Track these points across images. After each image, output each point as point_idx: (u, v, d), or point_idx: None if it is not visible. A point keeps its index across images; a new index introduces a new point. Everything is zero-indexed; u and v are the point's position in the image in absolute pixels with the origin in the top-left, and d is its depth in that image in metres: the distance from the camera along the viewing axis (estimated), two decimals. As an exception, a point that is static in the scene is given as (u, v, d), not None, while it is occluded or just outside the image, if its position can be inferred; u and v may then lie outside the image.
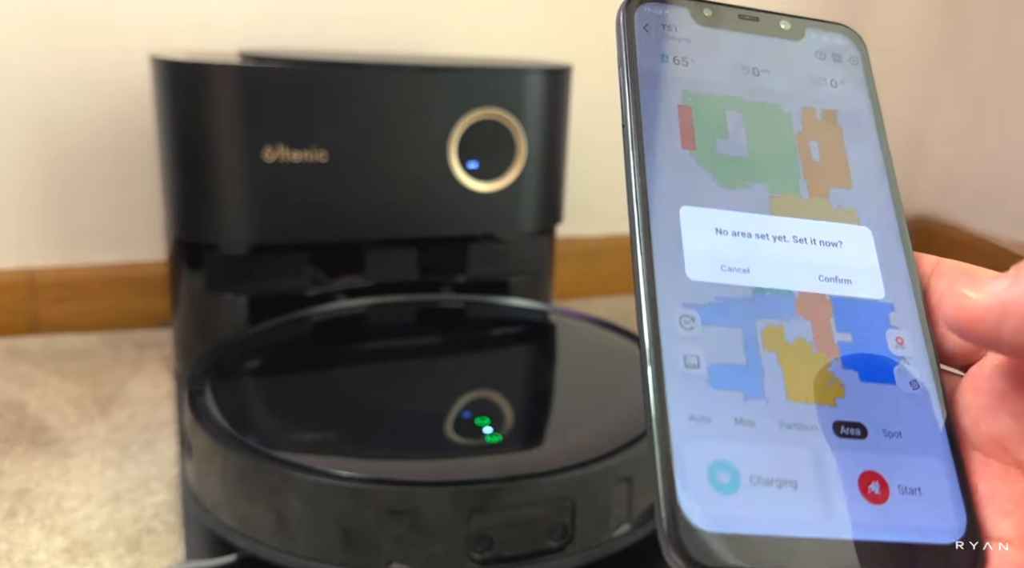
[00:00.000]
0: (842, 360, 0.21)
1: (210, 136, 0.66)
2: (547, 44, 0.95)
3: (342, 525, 0.45)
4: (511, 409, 0.55)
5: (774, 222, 0.22)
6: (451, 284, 0.77)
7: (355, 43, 0.88)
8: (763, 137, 0.23)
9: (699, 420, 0.20)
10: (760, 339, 0.21)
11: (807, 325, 0.21)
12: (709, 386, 0.20)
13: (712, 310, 0.21)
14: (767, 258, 0.22)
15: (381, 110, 0.67)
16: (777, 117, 0.24)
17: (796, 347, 0.21)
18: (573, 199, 0.94)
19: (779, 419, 0.20)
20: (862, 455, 0.20)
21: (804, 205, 0.23)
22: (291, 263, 0.72)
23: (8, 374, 0.77)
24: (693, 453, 0.19)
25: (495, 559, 0.46)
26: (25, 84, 0.81)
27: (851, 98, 0.24)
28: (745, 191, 0.23)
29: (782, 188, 0.23)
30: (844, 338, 0.21)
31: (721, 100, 0.23)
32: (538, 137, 0.73)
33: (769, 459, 0.20)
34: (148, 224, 0.87)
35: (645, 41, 0.24)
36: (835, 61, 0.25)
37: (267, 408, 0.55)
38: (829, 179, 0.23)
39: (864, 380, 0.21)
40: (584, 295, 1.02)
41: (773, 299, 0.21)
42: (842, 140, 0.24)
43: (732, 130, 0.23)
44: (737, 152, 0.23)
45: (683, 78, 0.24)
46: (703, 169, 0.23)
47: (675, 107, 0.23)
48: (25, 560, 0.53)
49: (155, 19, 0.83)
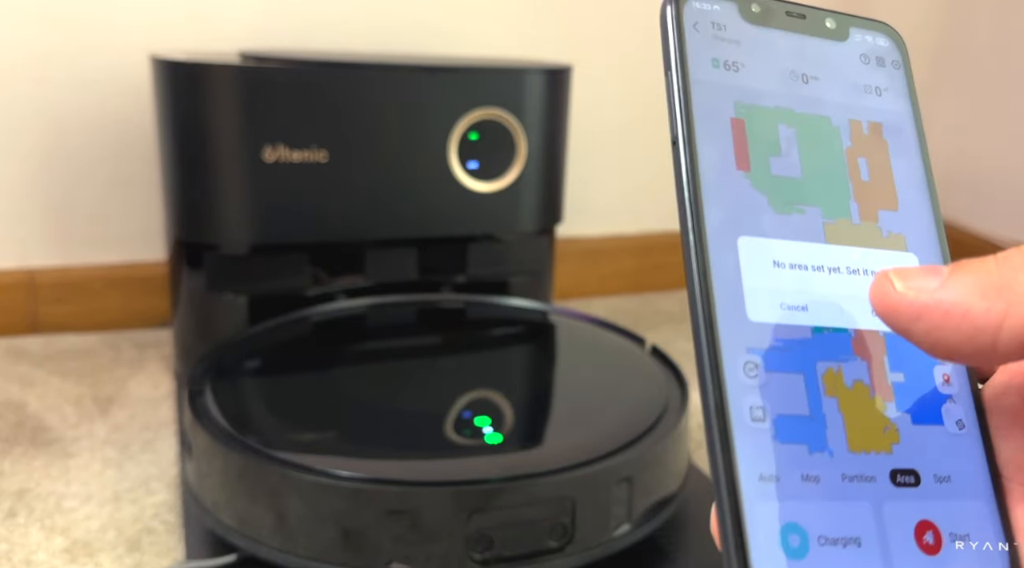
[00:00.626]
0: (896, 403, 0.20)
1: (210, 136, 0.66)
2: (547, 44, 0.95)
3: (342, 525, 0.45)
4: (511, 409, 0.55)
5: (829, 252, 0.21)
6: (451, 284, 0.77)
7: (355, 43, 0.88)
8: (814, 154, 0.22)
9: (768, 479, 0.19)
10: (821, 385, 0.20)
11: (863, 366, 0.20)
12: (776, 441, 0.19)
13: (775, 354, 0.20)
14: (824, 293, 0.21)
15: (381, 110, 0.67)
16: (827, 131, 0.23)
17: (855, 391, 0.20)
18: (573, 199, 0.94)
19: (842, 472, 0.20)
20: (916, 504, 0.20)
21: (855, 232, 0.22)
22: (291, 263, 0.72)
23: (8, 374, 0.77)
24: (764, 516, 0.19)
25: (495, 559, 0.46)
26: (25, 84, 0.81)
27: (894, 107, 0.24)
28: (799, 217, 0.21)
29: (834, 212, 0.22)
30: (897, 378, 0.21)
31: (773, 113, 0.22)
32: (538, 137, 0.73)
33: (834, 516, 0.19)
34: (148, 224, 0.87)
35: (695, 42, 0.22)
36: (879, 65, 0.24)
37: (267, 408, 0.55)
38: (877, 201, 0.22)
39: (916, 423, 0.20)
40: (584, 295, 1.02)
41: (831, 339, 0.20)
42: (888, 156, 0.23)
43: (785, 147, 0.22)
44: (790, 172, 0.22)
45: (735, 86, 0.22)
46: (758, 193, 0.21)
47: (728, 121, 0.22)
48: (25, 560, 0.53)
49: (155, 19, 0.83)
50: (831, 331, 0.20)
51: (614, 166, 1.00)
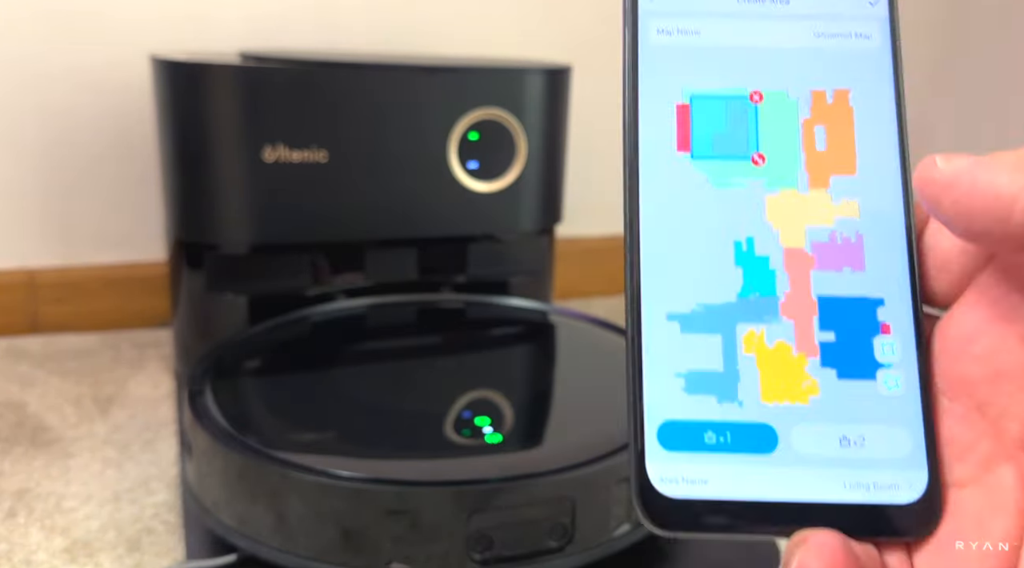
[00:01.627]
0: (821, 359, 0.21)
1: (210, 136, 0.66)
2: (547, 44, 0.95)
3: (342, 525, 0.45)
4: (511, 409, 0.55)
5: (762, 226, 0.22)
6: (451, 284, 0.77)
7: (355, 43, 0.88)
8: (766, 129, 0.23)
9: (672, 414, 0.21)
10: (740, 344, 0.21)
11: (789, 326, 0.21)
12: (683, 393, 0.21)
13: (694, 318, 0.21)
14: (753, 265, 0.22)
15: (381, 110, 0.67)
16: (782, 105, 0.23)
17: (775, 350, 0.21)
18: (573, 199, 0.94)
19: (750, 420, 0.21)
20: (830, 431, 0.21)
21: (800, 201, 0.22)
22: (291, 263, 0.71)
23: (8, 374, 0.77)
24: (664, 430, 0.21)
25: (495, 559, 0.46)
26: (25, 84, 0.81)
27: (868, 60, 0.23)
28: (739, 190, 0.22)
29: (779, 183, 0.22)
30: (826, 338, 0.21)
31: (722, 94, 0.23)
32: (538, 137, 0.73)
33: (735, 432, 0.21)
34: (148, 224, 0.87)
35: (648, 13, 0.23)
36: (855, 7, 0.23)
37: (267, 408, 0.55)
38: (831, 168, 0.22)
39: (841, 378, 0.21)
40: (584, 295, 1.02)
41: (757, 303, 0.22)
42: (852, 122, 0.23)
43: (731, 125, 0.22)
44: (735, 149, 0.22)
45: (685, 63, 0.23)
46: (697, 171, 0.22)
47: (673, 106, 0.22)
48: (25, 560, 0.53)
49: (155, 19, 0.83)
50: (757, 296, 0.22)
51: (614, 166, 1.00)
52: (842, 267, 0.22)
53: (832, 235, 0.22)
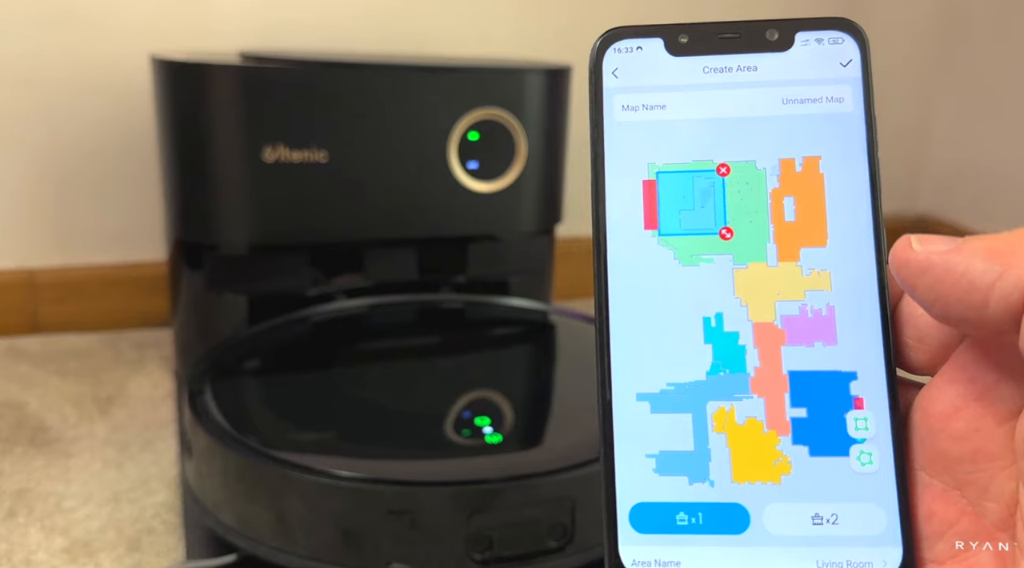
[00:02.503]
0: (792, 436, 0.21)
1: (210, 136, 0.66)
2: (547, 44, 0.95)
3: (342, 525, 0.45)
4: (511, 409, 0.55)
5: (731, 302, 0.22)
6: (451, 284, 0.77)
7: (355, 43, 0.88)
8: (734, 202, 0.22)
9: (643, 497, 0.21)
10: (710, 422, 0.21)
11: (760, 403, 0.21)
12: (655, 474, 0.21)
13: (663, 398, 0.21)
14: (722, 341, 0.22)
15: (381, 110, 0.67)
16: (750, 176, 0.22)
17: (746, 428, 0.21)
18: (573, 199, 0.94)
19: (721, 501, 0.21)
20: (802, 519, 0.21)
21: (769, 275, 0.22)
22: (291, 263, 0.71)
23: (8, 374, 0.77)
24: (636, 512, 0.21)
25: (495, 559, 0.46)
26: (26, 84, 0.81)
27: (840, 124, 0.22)
28: (707, 267, 0.22)
29: (747, 257, 0.22)
30: (798, 413, 0.21)
31: (688, 168, 0.22)
32: (538, 137, 0.73)
33: (710, 516, 0.21)
34: (148, 224, 0.87)
35: (613, 90, 0.23)
36: (826, 67, 0.23)
37: (267, 408, 0.55)
38: (801, 239, 0.22)
39: (813, 455, 0.21)
40: (584, 295, 1.02)
41: (727, 380, 0.21)
42: (822, 191, 0.22)
43: (698, 200, 0.22)
44: (703, 224, 0.22)
45: (651, 138, 0.22)
46: (664, 248, 0.22)
47: (639, 182, 0.22)
48: (25, 560, 0.53)
49: (155, 19, 0.83)
50: (727, 374, 0.21)
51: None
52: (813, 341, 0.21)
53: (803, 308, 0.22)
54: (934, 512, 0.20)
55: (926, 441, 0.20)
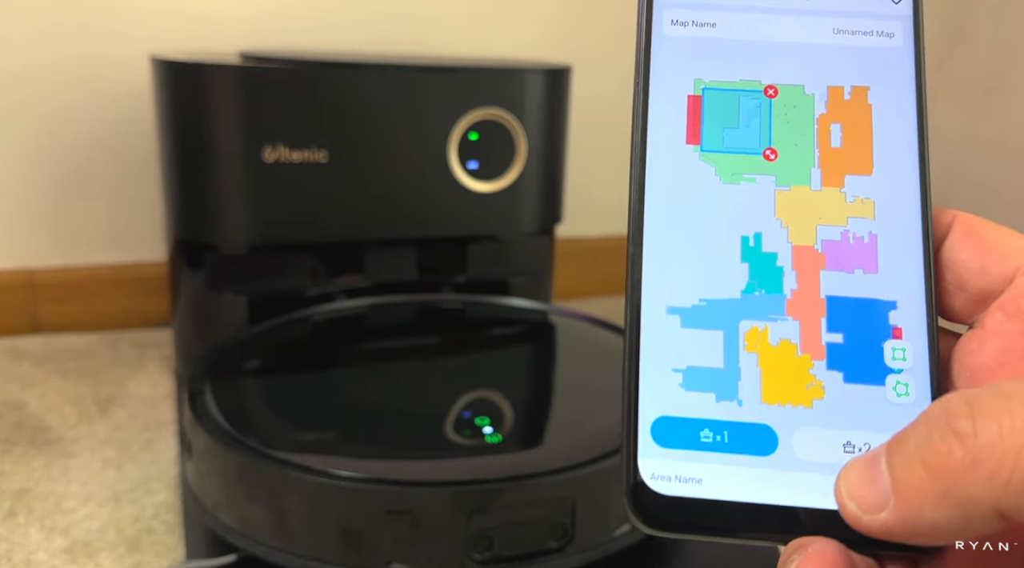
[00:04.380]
0: (827, 361, 0.21)
1: (210, 136, 0.66)
2: (547, 44, 0.95)
3: (342, 525, 0.45)
4: (511, 409, 0.55)
5: (771, 222, 0.21)
6: (451, 284, 0.77)
7: (355, 43, 0.88)
8: (780, 124, 0.22)
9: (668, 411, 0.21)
10: (742, 341, 0.21)
11: (795, 326, 0.21)
12: (681, 389, 0.20)
13: (695, 312, 0.21)
14: (760, 261, 0.21)
15: (381, 110, 0.67)
16: (798, 100, 0.22)
17: (779, 349, 0.21)
18: (573, 199, 0.94)
19: (749, 420, 0.20)
20: (833, 436, 0.20)
21: (812, 198, 0.22)
22: (291, 263, 0.71)
23: (8, 374, 0.77)
24: (659, 426, 0.20)
25: (495, 559, 0.46)
26: (25, 84, 0.81)
27: (889, 58, 0.22)
28: (748, 185, 0.22)
29: (791, 179, 0.22)
30: (834, 339, 0.21)
31: (736, 86, 0.22)
32: (538, 137, 0.73)
33: (734, 432, 0.20)
34: (148, 224, 0.87)
35: (663, 4, 0.22)
36: (878, 4, 0.23)
37: (267, 408, 0.55)
38: (846, 166, 0.22)
39: (848, 382, 0.21)
40: (584, 295, 1.02)
41: (762, 300, 0.21)
42: (870, 120, 0.22)
43: (744, 119, 0.22)
44: (747, 143, 0.22)
45: (699, 55, 0.22)
46: (705, 164, 0.22)
47: (684, 97, 0.22)
48: (25, 560, 0.53)
49: (155, 19, 0.83)
50: (763, 294, 0.21)
51: (614, 166, 1.00)
52: (854, 268, 0.21)
53: (845, 234, 0.21)
54: None
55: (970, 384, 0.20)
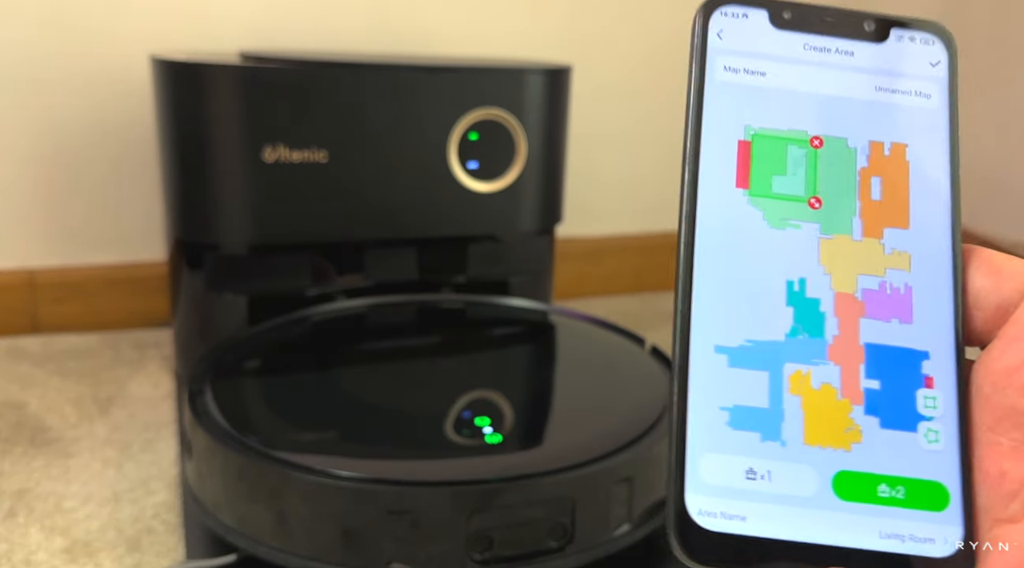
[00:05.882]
0: (865, 406, 0.22)
1: (210, 136, 0.66)
2: (547, 44, 0.95)
3: (342, 525, 0.45)
4: (511, 409, 0.55)
5: (815, 269, 0.22)
6: (451, 284, 0.77)
7: (355, 43, 0.88)
8: (824, 174, 0.23)
9: (714, 448, 0.21)
10: (786, 383, 0.21)
11: (836, 371, 0.22)
12: (727, 427, 0.21)
13: (741, 352, 0.22)
14: (804, 306, 0.22)
15: (381, 110, 0.67)
16: (842, 152, 0.23)
17: (821, 392, 0.22)
18: (573, 199, 0.94)
19: (792, 460, 0.21)
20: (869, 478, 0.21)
21: (854, 248, 0.23)
22: (291, 263, 0.72)
23: (8, 374, 0.77)
24: (705, 462, 0.21)
25: (495, 559, 0.46)
26: (25, 84, 0.81)
27: (926, 118, 0.24)
28: (794, 232, 0.22)
29: (834, 228, 0.23)
30: (871, 385, 0.22)
31: (784, 135, 0.23)
32: (538, 137, 0.73)
33: (778, 471, 0.21)
34: (148, 224, 0.87)
35: (717, 51, 0.23)
36: (917, 67, 0.24)
37: (267, 408, 0.55)
38: (885, 219, 0.23)
39: (884, 427, 0.21)
40: (584, 295, 1.02)
41: (805, 344, 0.22)
42: (907, 176, 0.23)
43: (791, 167, 0.23)
44: (793, 190, 0.23)
45: (749, 102, 0.23)
46: (754, 209, 0.23)
47: (735, 142, 0.23)
48: (25, 560, 0.53)
49: (155, 19, 0.83)
50: (806, 338, 0.22)
51: (614, 166, 1.00)
52: (891, 317, 0.22)
53: (883, 284, 0.22)
54: (1005, 471, 0.20)
55: (992, 398, 0.21)
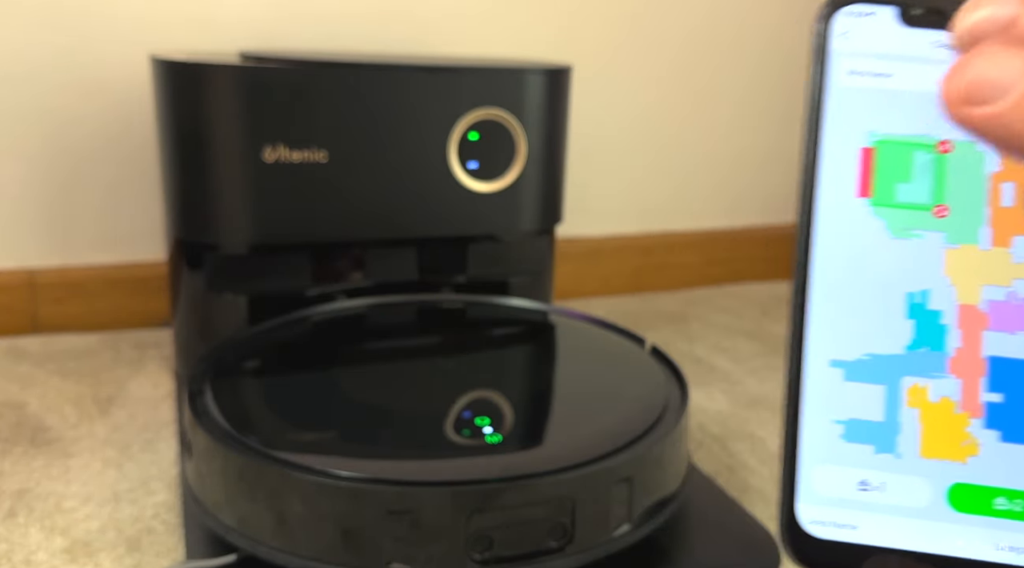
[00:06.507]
0: (985, 420, 0.21)
1: (210, 136, 0.66)
2: (547, 44, 0.95)
3: (342, 525, 0.45)
4: (511, 409, 0.55)
5: (939, 280, 0.22)
6: (451, 284, 0.77)
7: (355, 43, 0.88)
8: (951, 180, 0.22)
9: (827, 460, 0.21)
10: (904, 397, 0.21)
11: (956, 384, 0.21)
12: (841, 440, 0.21)
13: (858, 366, 0.21)
14: (925, 319, 0.22)
15: (381, 110, 0.67)
16: (971, 157, 0.22)
17: (939, 406, 0.21)
18: (573, 199, 0.94)
19: (905, 470, 0.21)
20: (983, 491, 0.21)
21: (980, 258, 0.22)
22: (291, 263, 0.72)
23: (8, 374, 0.77)
24: (819, 474, 0.21)
25: (495, 559, 0.46)
26: (25, 84, 0.81)
27: None
28: (918, 242, 0.22)
29: (960, 238, 0.22)
30: (993, 398, 0.21)
31: (909, 141, 0.22)
32: (538, 137, 0.73)
33: (892, 485, 0.21)
34: (148, 224, 0.87)
35: (841, 53, 0.22)
36: None
37: (267, 408, 0.55)
38: (1016, 227, 0.22)
39: (1004, 441, 0.21)
40: (584, 295, 1.02)
41: (925, 357, 0.21)
42: None
43: (917, 174, 0.22)
44: (918, 198, 0.22)
45: (874, 106, 0.22)
46: (877, 218, 0.22)
47: (858, 149, 0.22)
48: (25, 560, 0.53)
49: (155, 19, 0.83)
50: (927, 351, 0.21)
51: (614, 166, 1.00)
52: (1015, 329, 0.21)
53: (1009, 295, 0.22)
54: None
55: None
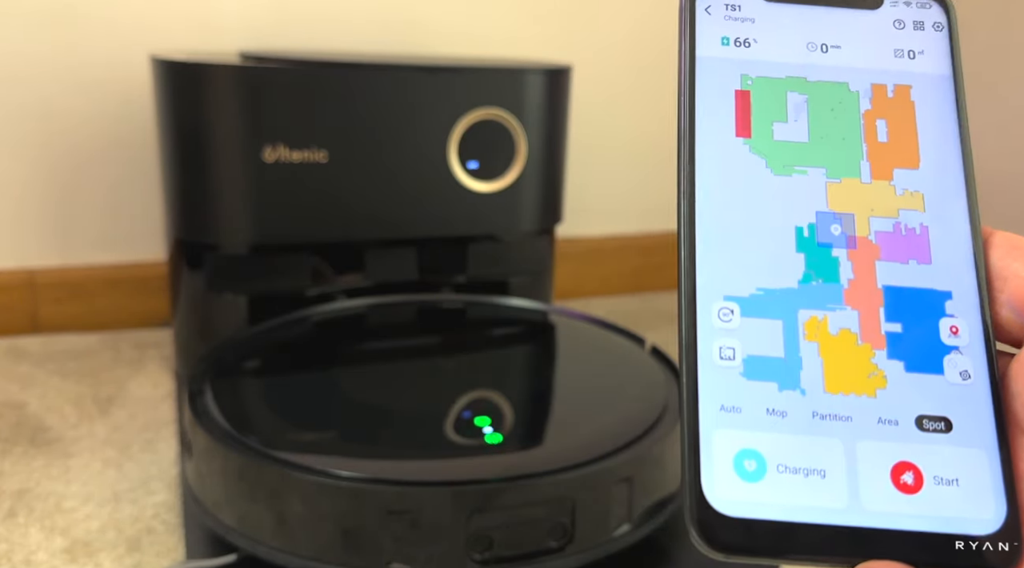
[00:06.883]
0: (887, 350, 0.21)
1: (210, 136, 0.66)
2: (547, 44, 0.95)
3: (342, 525, 0.45)
4: (511, 409, 0.55)
5: (826, 213, 0.22)
6: (451, 284, 0.77)
7: (355, 43, 0.88)
8: (826, 119, 0.22)
9: (729, 410, 0.20)
10: (801, 330, 0.21)
11: (854, 315, 0.21)
12: (742, 378, 0.20)
13: (753, 302, 0.21)
14: (815, 251, 0.21)
15: (381, 110, 0.67)
16: (844, 96, 0.23)
17: (839, 338, 0.21)
18: (573, 199, 0.94)
19: (813, 410, 0.20)
20: (897, 446, 0.20)
21: (863, 190, 0.22)
22: (291, 263, 0.72)
23: (8, 374, 0.77)
24: (720, 442, 0.20)
25: (495, 559, 0.46)
26: (25, 84, 0.81)
27: (930, 69, 0.23)
28: (800, 177, 0.22)
29: (841, 172, 0.22)
30: (893, 328, 0.21)
31: (783, 82, 0.23)
32: (538, 137, 0.73)
33: (799, 448, 0.20)
34: (148, 224, 0.87)
35: (705, 24, 0.23)
36: (916, 29, 0.23)
37: (267, 408, 0.55)
38: (894, 160, 0.22)
39: (909, 370, 0.21)
40: (584, 295, 1.02)
41: (819, 290, 0.21)
42: (913, 116, 0.23)
43: (792, 113, 0.22)
44: (796, 137, 0.22)
45: (743, 61, 0.23)
46: (756, 156, 0.22)
47: (732, 93, 0.22)
48: (25, 560, 0.53)
49: (155, 19, 0.83)
50: (820, 283, 0.21)
51: (614, 166, 1.00)
52: (908, 259, 0.21)
53: (897, 226, 0.22)
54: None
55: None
